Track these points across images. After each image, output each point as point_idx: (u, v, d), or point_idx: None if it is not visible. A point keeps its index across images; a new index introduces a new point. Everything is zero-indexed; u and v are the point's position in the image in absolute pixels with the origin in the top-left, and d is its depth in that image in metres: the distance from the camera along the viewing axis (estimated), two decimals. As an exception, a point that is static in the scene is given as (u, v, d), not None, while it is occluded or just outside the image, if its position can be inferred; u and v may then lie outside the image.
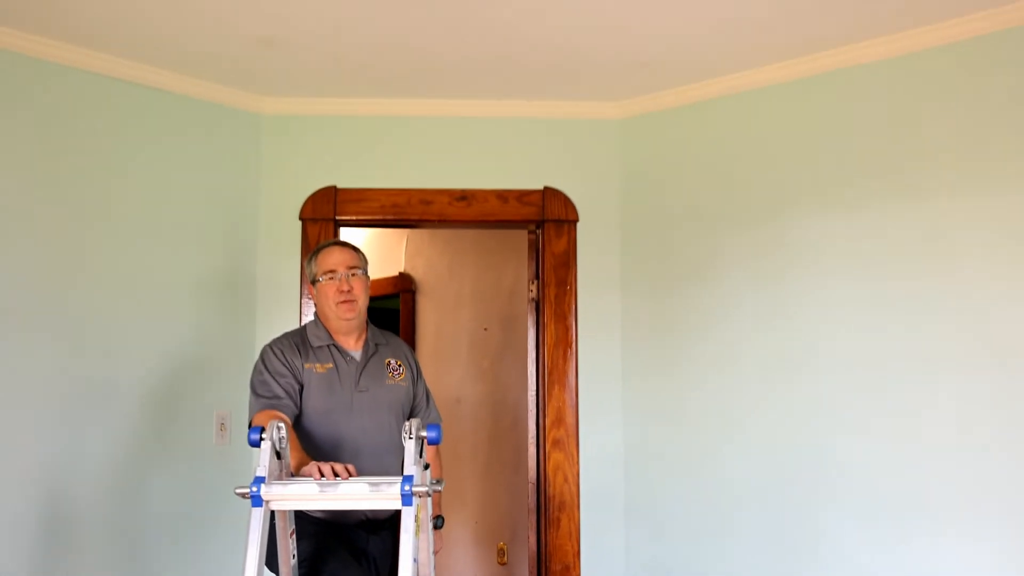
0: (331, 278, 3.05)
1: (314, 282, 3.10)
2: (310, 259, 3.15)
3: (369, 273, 3.18)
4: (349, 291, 3.04)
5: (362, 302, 3.07)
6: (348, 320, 3.05)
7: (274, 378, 2.95)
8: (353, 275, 3.06)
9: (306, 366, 2.99)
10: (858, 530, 3.40)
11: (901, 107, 3.42)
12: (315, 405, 2.98)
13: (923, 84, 3.37)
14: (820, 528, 3.49)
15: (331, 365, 3.02)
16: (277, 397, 2.92)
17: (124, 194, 3.66)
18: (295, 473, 2.65)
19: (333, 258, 3.08)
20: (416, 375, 3.23)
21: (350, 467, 2.55)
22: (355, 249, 3.15)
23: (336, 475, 2.50)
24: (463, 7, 3.14)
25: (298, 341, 3.06)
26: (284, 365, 2.97)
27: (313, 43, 3.48)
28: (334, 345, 3.07)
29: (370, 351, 3.11)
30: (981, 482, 3.14)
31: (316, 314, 3.17)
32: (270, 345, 3.05)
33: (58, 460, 3.40)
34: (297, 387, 2.96)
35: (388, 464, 2.90)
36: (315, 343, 3.06)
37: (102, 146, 3.61)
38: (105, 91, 3.62)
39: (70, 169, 3.51)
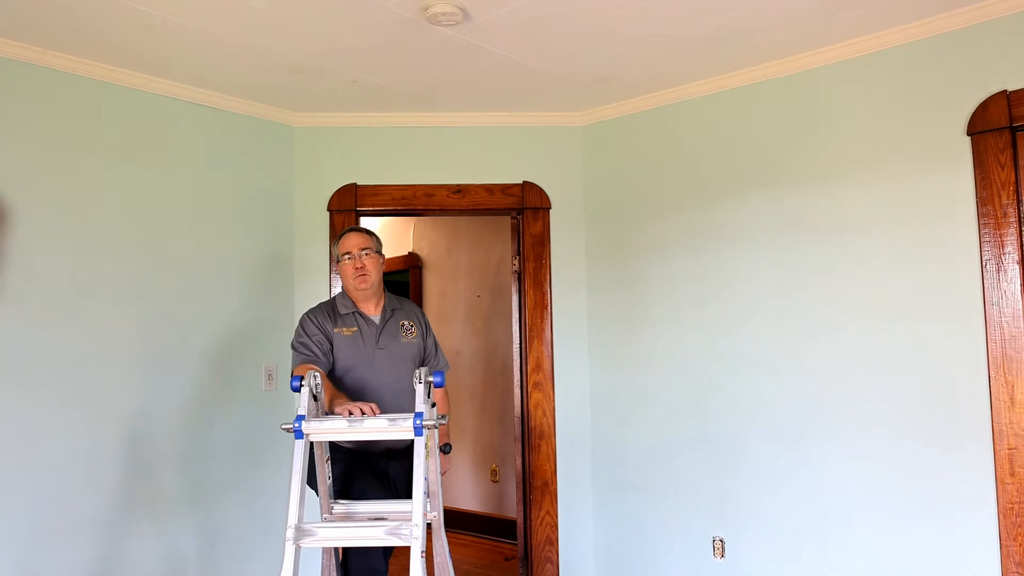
0: (348, 258, 3.07)
1: (338, 261, 3.13)
2: (333, 244, 3.17)
3: (384, 252, 3.19)
4: (362, 267, 3.06)
5: (374, 276, 3.08)
6: (363, 290, 3.07)
7: (311, 339, 2.98)
8: (366, 254, 3.07)
9: (335, 330, 3.02)
10: (770, 444, 3.46)
11: (815, 111, 3.41)
12: (344, 361, 3.01)
13: (834, 91, 3.36)
14: (743, 444, 3.55)
15: (355, 329, 3.05)
16: (314, 355, 2.95)
17: (186, 193, 3.66)
18: (328, 406, 2.69)
19: (349, 242, 3.10)
20: (426, 331, 3.23)
21: (374, 406, 2.59)
22: (369, 233, 3.15)
23: (363, 413, 2.54)
24: (456, 39, 3.14)
25: (329, 310, 3.09)
26: (318, 330, 3.00)
27: (335, 69, 3.47)
28: (358, 312, 3.09)
29: (387, 315, 3.13)
30: (870, 405, 3.20)
31: (342, 287, 3.20)
32: (307, 314, 3.07)
33: (140, 405, 3.43)
34: (329, 346, 2.99)
35: (405, 404, 2.94)
36: (342, 311, 3.08)
37: (166, 154, 3.61)
38: (169, 110, 3.62)
39: (144, 174, 3.51)
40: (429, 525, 2.60)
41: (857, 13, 3.03)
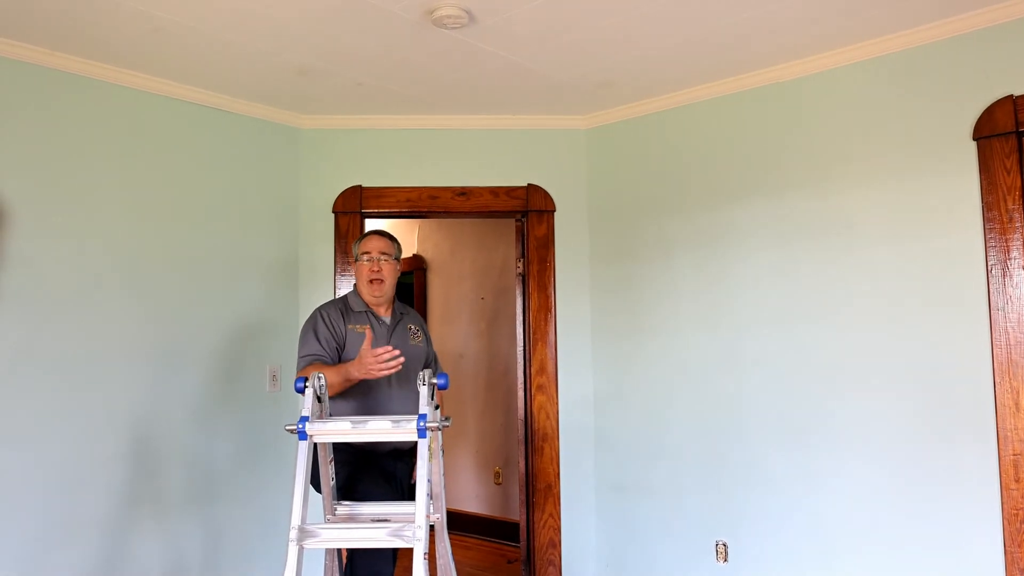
0: (367, 259, 3.08)
1: (355, 260, 3.14)
2: (356, 243, 3.19)
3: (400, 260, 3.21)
4: (378, 271, 3.06)
5: (388, 282, 3.10)
6: (375, 296, 3.08)
7: (318, 337, 2.98)
8: (384, 259, 3.08)
9: (348, 327, 3.02)
10: (773, 448, 3.44)
11: (819, 114, 3.40)
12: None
13: (839, 95, 3.35)
14: (746, 448, 3.53)
15: (368, 327, 3.05)
16: (318, 355, 2.95)
17: (191, 194, 3.65)
18: (342, 379, 2.74)
19: (371, 244, 3.11)
20: (427, 340, 3.28)
21: (390, 349, 2.65)
22: (392, 239, 3.16)
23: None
24: (461, 42, 3.13)
25: (342, 307, 3.08)
26: (329, 329, 2.99)
27: (341, 72, 3.46)
28: (370, 311, 3.10)
29: (397, 318, 3.15)
30: (874, 410, 3.18)
31: (355, 285, 3.20)
32: (319, 310, 3.06)
33: (143, 406, 3.42)
34: (336, 345, 2.99)
35: (411, 403, 2.94)
36: (356, 308, 3.09)
37: (172, 155, 3.60)
38: (174, 112, 3.61)
39: (150, 175, 3.51)
40: (432, 527, 2.58)
41: (862, 17, 3.01)
